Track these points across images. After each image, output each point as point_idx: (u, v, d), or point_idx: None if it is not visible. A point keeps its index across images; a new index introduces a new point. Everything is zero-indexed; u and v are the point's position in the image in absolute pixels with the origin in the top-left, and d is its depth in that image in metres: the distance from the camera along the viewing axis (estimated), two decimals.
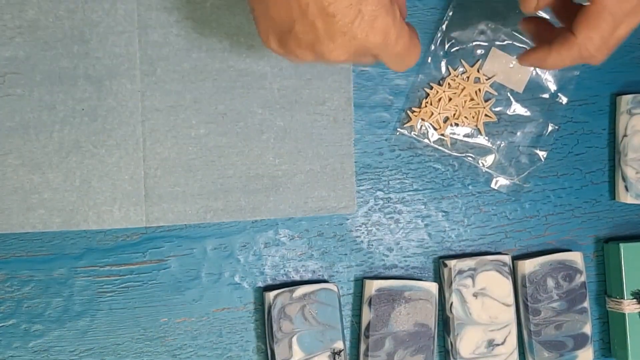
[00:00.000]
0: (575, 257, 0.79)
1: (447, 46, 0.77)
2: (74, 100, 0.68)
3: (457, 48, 0.77)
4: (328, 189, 0.74)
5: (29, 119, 0.67)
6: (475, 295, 0.77)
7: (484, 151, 0.78)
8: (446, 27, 0.77)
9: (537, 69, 0.79)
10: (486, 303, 0.77)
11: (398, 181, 0.77)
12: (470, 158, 0.78)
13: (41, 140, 0.67)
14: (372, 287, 0.74)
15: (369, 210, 0.77)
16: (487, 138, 0.78)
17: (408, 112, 0.77)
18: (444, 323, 0.78)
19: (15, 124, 0.67)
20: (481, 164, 0.79)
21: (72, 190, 0.68)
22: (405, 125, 0.77)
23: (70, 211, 0.68)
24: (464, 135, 0.78)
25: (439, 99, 0.77)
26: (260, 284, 0.74)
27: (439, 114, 0.77)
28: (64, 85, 0.68)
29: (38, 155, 0.67)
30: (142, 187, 0.70)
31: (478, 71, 0.77)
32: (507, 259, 0.78)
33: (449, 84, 0.77)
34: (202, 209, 0.71)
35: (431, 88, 0.77)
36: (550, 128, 0.79)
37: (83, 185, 0.69)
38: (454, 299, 0.76)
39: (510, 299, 0.78)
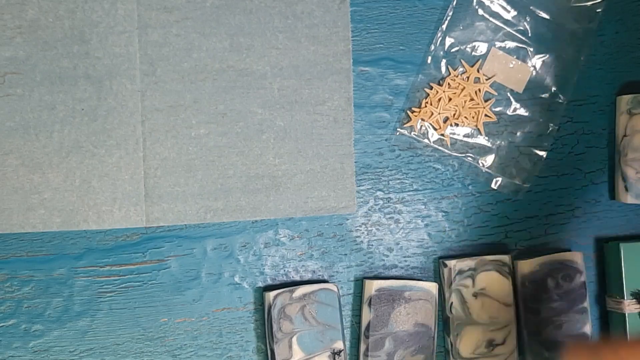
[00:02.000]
0: (575, 257, 0.79)
1: (447, 46, 0.77)
2: (74, 100, 0.68)
3: (457, 48, 0.77)
4: (328, 189, 0.74)
5: (29, 119, 0.67)
6: (475, 295, 0.77)
7: (484, 151, 0.78)
8: (446, 27, 0.77)
9: (537, 68, 0.79)
10: (486, 303, 0.77)
11: (398, 181, 0.77)
12: (470, 158, 0.78)
13: (41, 140, 0.67)
14: (372, 287, 0.74)
15: (369, 210, 0.77)
16: (487, 138, 0.78)
17: (408, 112, 0.77)
18: (444, 323, 0.78)
19: (16, 124, 0.67)
20: (481, 164, 0.79)
21: (72, 190, 0.68)
22: (405, 125, 0.77)
23: (70, 211, 0.68)
24: (464, 135, 0.78)
25: (439, 99, 0.77)
26: (260, 284, 0.74)
27: (439, 114, 0.77)
28: (64, 85, 0.68)
29: (38, 155, 0.67)
30: (142, 187, 0.70)
31: (478, 71, 0.77)
32: (507, 259, 0.78)
33: (448, 84, 0.77)
34: (202, 209, 0.71)
35: (431, 88, 0.77)
36: (550, 128, 0.79)
37: (83, 185, 0.69)
38: (454, 299, 0.76)
39: (510, 299, 0.78)
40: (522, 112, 0.79)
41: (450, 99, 0.77)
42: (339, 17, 0.73)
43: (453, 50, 0.77)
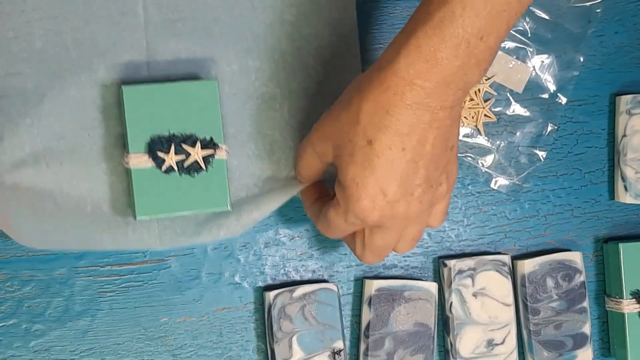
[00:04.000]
0: (575, 257, 0.80)
1: None
2: (83, 128, 0.67)
3: None
4: None
5: (39, 149, 0.67)
6: (474, 295, 0.77)
7: (483, 151, 0.79)
8: None
9: (537, 68, 0.79)
10: (486, 303, 0.77)
11: None
12: (469, 158, 0.78)
13: (52, 168, 0.67)
14: (372, 286, 0.74)
15: None
16: (486, 138, 0.79)
17: None
18: (444, 323, 0.78)
19: (26, 154, 0.66)
20: (481, 164, 0.79)
21: (84, 216, 0.68)
22: None
23: (84, 235, 0.68)
24: (464, 135, 0.78)
25: None
26: (260, 284, 0.74)
27: None
28: (73, 115, 0.67)
29: (50, 183, 0.67)
30: None
31: None
32: (506, 258, 0.78)
33: None
34: (215, 226, 0.70)
35: None
36: (549, 128, 0.80)
37: (95, 211, 0.68)
38: (454, 298, 0.76)
39: (510, 299, 0.78)
40: (521, 112, 0.79)
41: None
42: (348, 38, 0.73)
43: None
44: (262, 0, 0.70)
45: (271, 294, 0.72)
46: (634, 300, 0.80)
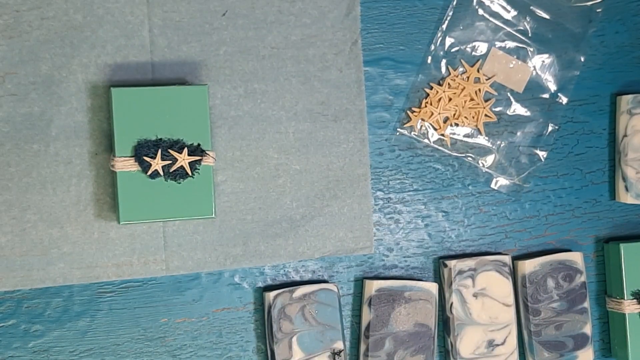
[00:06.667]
0: (576, 257, 0.79)
1: (447, 46, 0.77)
2: (90, 153, 0.68)
3: (457, 48, 0.77)
4: (346, 229, 0.74)
5: (45, 174, 0.67)
6: (475, 295, 0.77)
7: (484, 151, 0.78)
8: (446, 27, 0.77)
9: (537, 68, 0.79)
10: (486, 303, 0.77)
11: (398, 181, 0.77)
12: (470, 158, 0.78)
13: (59, 194, 0.67)
14: (372, 287, 0.74)
15: None
16: (487, 138, 0.78)
17: (408, 112, 0.77)
18: (444, 323, 0.78)
19: (33, 179, 0.66)
20: (481, 164, 0.79)
21: (90, 243, 0.68)
22: (405, 126, 0.77)
23: (89, 263, 0.68)
24: (464, 135, 0.78)
25: (439, 99, 0.77)
26: (260, 284, 0.74)
27: (439, 114, 0.77)
28: (80, 139, 0.67)
29: (56, 209, 0.67)
30: (161, 237, 0.70)
31: (478, 71, 0.77)
32: (507, 259, 0.78)
33: (449, 84, 0.77)
34: (222, 255, 0.71)
35: (431, 88, 0.77)
36: (550, 128, 0.79)
37: (102, 238, 0.68)
38: (454, 299, 0.76)
39: (511, 299, 0.78)
40: (522, 112, 0.79)
41: (450, 99, 0.77)
42: (351, 59, 0.73)
43: (453, 50, 0.77)
44: (267, 22, 0.71)
45: (271, 295, 0.72)
46: (634, 300, 0.80)
